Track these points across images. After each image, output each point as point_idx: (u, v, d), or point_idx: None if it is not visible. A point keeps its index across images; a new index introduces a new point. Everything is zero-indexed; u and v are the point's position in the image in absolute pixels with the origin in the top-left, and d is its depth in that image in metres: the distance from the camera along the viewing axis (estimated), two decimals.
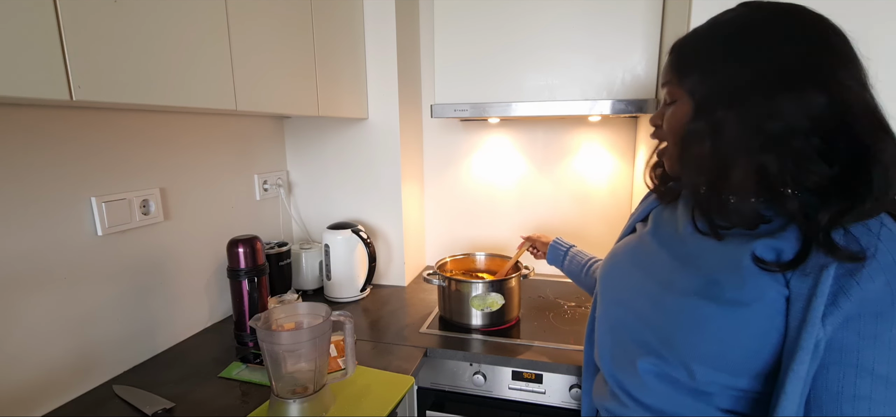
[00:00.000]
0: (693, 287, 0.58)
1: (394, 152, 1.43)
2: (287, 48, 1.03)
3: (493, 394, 1.09)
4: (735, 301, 0.54)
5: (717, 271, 0.57)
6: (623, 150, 1.48)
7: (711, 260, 0.58)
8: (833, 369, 0.49)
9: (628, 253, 0.73)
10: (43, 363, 0.85)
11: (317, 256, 1.45)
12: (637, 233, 0.76)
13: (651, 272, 0.66)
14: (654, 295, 0.63)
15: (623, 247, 0.76)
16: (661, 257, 0.65)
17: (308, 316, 0.86)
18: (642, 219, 0.78)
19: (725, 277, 0.55)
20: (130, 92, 0.67)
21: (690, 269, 0.60)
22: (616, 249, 0.78)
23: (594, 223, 1.55)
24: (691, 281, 0.59)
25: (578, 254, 1.10)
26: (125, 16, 0.65)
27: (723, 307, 0.54)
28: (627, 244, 0.75)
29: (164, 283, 1.08)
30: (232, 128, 1.28)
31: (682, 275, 0.61)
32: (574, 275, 1.09)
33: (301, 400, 0.80)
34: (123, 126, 0.97)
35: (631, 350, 0.66)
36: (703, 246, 0.60)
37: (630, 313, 0.67)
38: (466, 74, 1.26)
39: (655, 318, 0.62)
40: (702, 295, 0.57)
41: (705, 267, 0.58)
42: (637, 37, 1.13)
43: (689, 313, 0.57)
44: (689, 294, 0.58)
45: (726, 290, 0.55)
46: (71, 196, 0.88)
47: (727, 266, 0.56)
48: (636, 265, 0.70)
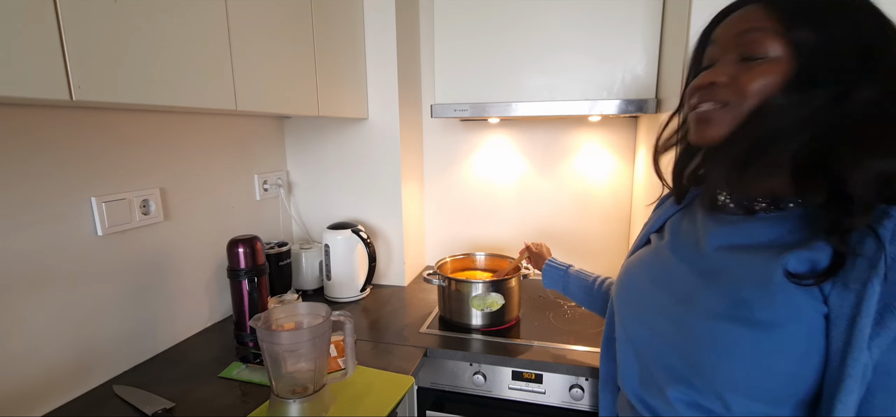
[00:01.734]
0: (719, 307, 0.52)
1: (394, 152, 1.43)
2: (287, 48, 1.03)
3: (493, 394, 1.09)
4: (766, 322, 0.48)
5: (743, 288, 0.51)
6: (623, 150, 1.48)
7: (737, 276, 0.52)
8: (880, 395, 0.43)
9: (645, 267, 0.68)
10: (43, 363, 0.85)
11: (317, 256, 1.45)
12: (653, 245, 0.70)
13: (672, 290, 0.60)
14: (677, 316, 0.57)
15: (638, 261, 0.70)
16: (681, 272, 0.60)
17: (308, 316, 0.86)
18: (657, 230, 0.72)
19: (754, 295, 0.49)
20: (130, 92, 0.67)
21: (714, 287, 0.54)
22: (631, 263, 0.72)
23: (594, 223, 1.55)
24: (716, 300, 0.53)
25: (582, 274, 1.02)
26: (125, 16, 0.65)
27: (753, 329, 0.48)
28: (642, 257, 0.70)
29: (164, 283, 1.08)
30: (232, 128, 1.28)
31: (706, 294, 0.54)
32: (580, 295, 1.00)
33: (301, 400, 0.80)
34: (123, 126, 0.97)
35: (659, 375, 0.60)
36: (727, 261, 0.54)
37: (654, 335, 0.61)
38: (466, 74, 1.26)
39: (681, 342, 0.56)
40: (729, 317, 0.50)
41: (731, 285, 0.52)
42: (637, 37, 1.13)
43: (717, 337, 0.51)
44: (715, 316, 0.52)
45: (756, 310, 0.48)
46: (71, 196, 0.88)
47: (755, 282, 0.50)
48: (655, 281, 0.64)
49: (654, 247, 0.69)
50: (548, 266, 1.07)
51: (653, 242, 0.70)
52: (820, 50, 0.47)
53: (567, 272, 1.03)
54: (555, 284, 1.05)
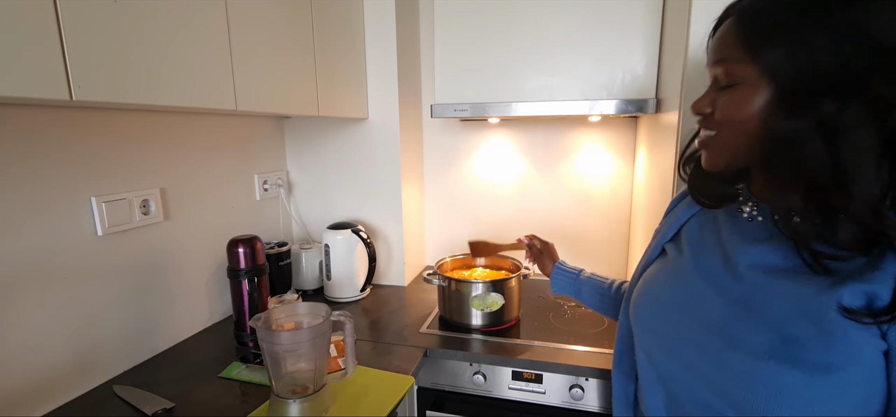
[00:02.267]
0: (765, 345, 0.46)
1: (394, 152, 1.43)
2: (287, 48, 1.03)
3: (493, 394, 1.09)
4: (823, 364, 0.43)
5: (790, 324, 0.45)
6: (623, 150, 1.48)
7: (781, 309, 0.46)
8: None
9: (666, 287, 0.61)
10: (43, 363, 0.85)
11: (317, 256, 1.45)
12: (670, 261, 0.63)
13: (703, 320, 0.53)
14: (712, 351, 0.51)
15: (656, 280, 0.63)
16: (712, 299, 0.53)
17: (308, 316, 0.86)
18: (672, 239, 0.65)
19: (805, 333, 0.44)
20: (130, 92, 0.67)
21: (756, 320, 0.48)
22: (648, 281, 0.65)
23: (594, 223, 1.55)
24: (761, 337, 0.47)
25: (595, 278, 0.96)
26: (125, 16, 0.65)
27: (809, 373, 0.43)
28: (659, 274, 0.63)
29: (164, 283, 1.08)
30: (232, 128, 1.28)
31: (745, 327, 0.48)
32: (595, 300, 0.95)
33: (301, 400, 0.80)
34: (123, 126, 0.97)
35: (692, 409, 0.55)
36: (764, 287, 0.48)
37: (685, 369, 0.56)
38: (466, 74, 1.26)
39: (720, 380, 0.50)
40: (779, 358, 0.45)
41: (775, 318, 0.46)
42: (637, 37, 1.13)
43: (767, 380, 0.46)
44: (762, 355, 0.46)
45: (810, 351, 0.43)
46: (71, 196, 0.88)
47: (805, 317, 0.44)
48: (679, 307, 0.57)
49: (674, 266, 0.62)
50: (557, 270, 1.01)
51: (668, 254, 0.64)
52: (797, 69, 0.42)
53: (579, 276, 0.98)
54: (565, 290, 0.99)
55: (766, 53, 0.43)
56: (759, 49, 0.44)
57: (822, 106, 0.40)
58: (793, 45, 0.42)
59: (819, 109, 0.40)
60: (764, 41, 0.44)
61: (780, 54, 0.42)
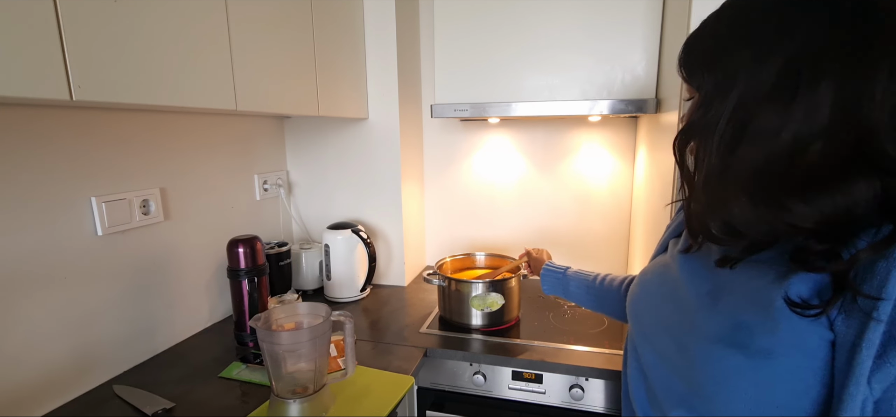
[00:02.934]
0: (718, 331, 0.49)
1: (394, 152, 1.43)
2: (287, 48, 1.03)
3: (493, 394, 1.09)
4: (766, 350, 0.45)
5: (743, 311, 0.47)
6: (623, 150, 1.48)
7: (738, 298, 0.48)
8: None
9: (657, 279, 0.64)
10: (43, 363, 0.85)
11: (317, 256, 1.45)
12: (669, 254, 0.65)
13: (678, 308, 0.56)
14: (678, 336, 0.55)
15: (652, 271, 0.66)
16: (687, 289, 0.56)
17: (308, 316, 0.86)
18: (676, 236, 0.66)
19: (754, 320, 0.46)
20: (130, 92, 0.67)
21: (716, 308, 0.50)
22: (646, 272, 0.68)
23: (594, 223, 1.55)
24: (716, 323, 0.50)
25: (581, 273, 0.99)
26: (125, 16, 0.65)
27: (752, 357, 0.46)
28: (656, 267, 0.65)
29: (164, 283, 1.08)
30: (232, 128, 1.28)
31: (707, 315, 0.51)
32: (582, 296, 0.98)
33: (301, 400, 0.80)
34: (123, 126, 0.97)
35: (662, 397, 0.58)
36: (730, 279, 0.50)
37: (658, 355, 0.59)
38: (466, 74, 1.26)
39: (681, 364, 0.54)
40: (727, 342, 0.48)
41: (731, 307, 0.49)
42: (637, 37, 1.13)
43: (716, 364, 0.49)
44: (714, 339, 0.49)
45: (756, 337, 0.45)
46: (71, 196, 0.88)
47: (756, 305, 0.46)
48: (664, 296, 0.60)
49: (669, 257, 0.64)
50: (546, 269, 1.04)
51: (669, 249, 0.66)
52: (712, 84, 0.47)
53: (565, 274, 1.01)
54: (555, 288, 1.02)
55: (696, 73, 0.51)
56: (692, 70, 0.52)
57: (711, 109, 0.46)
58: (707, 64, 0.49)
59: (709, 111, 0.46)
60: (693, 63, 0.51)
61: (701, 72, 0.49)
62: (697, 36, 0.52)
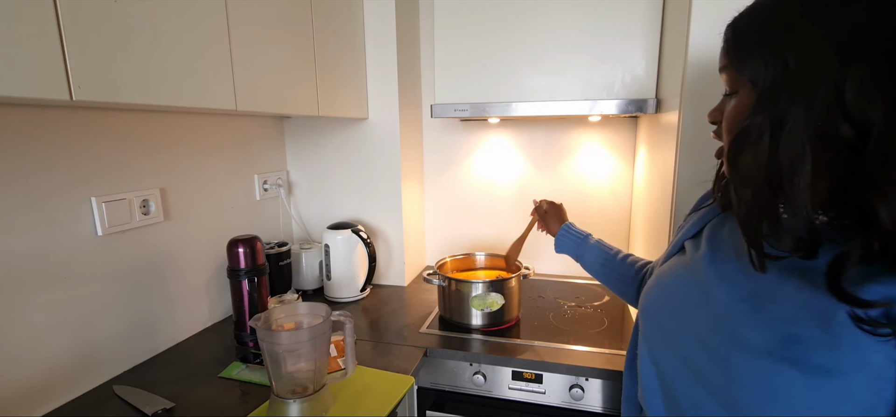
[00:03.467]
0: (766, 344, 0.44)
1: (394, 152, 1.43)
2: (287, 48, 1.03)
3: (493, 394, 1.09)
4: (826, 368, 0.40)
5: (795, 323, 0.43)
6: (623, 150, 1.48)
7: (787, 308, 0.44)
8: None
9: (679, 282, 0.59)
10: (43, 363, 0.85)
11: (317, 256, 1.45)
12: (687, 255, 0.61)
13: (709, 313, 0.52)
14: (711, 345, 0.50)
15: (671, 273, 0.61)
16: (720, 294, 0.51)
17: (308, 316, 0.86)
18: (693, 236, 0.63)
19: (810, 333, 0.41)
20: (130, 92, 0.67)
21: (761, 317, 0.46)
22: (662, 273, 0.63)
23: (594, 223, 1.55)
24: (761, 334, 0.45)
25: (602, 245, 0.96)
26: (125, 16, 0.65)
27: (808, 375, 0.41)
28: (675, 269, 0.61)
29: (164, 283, 1.08)
30: (232, 128, 1.28)
31: (749, 324, 0.46)
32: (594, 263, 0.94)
33: (301, 400, 0.80)
34: (123, 126, 0.97)
35: (687, 408, 0.54)
36: (772, 287, 0.46)
37: (681, 363, 0.54)
38: (466, 74, 1.26)
39: (716, 378, 0.49)
40: (779, 357, 0.43)
41: (780, 317, 0.44)
42: (637, 37, 1.13)
43: (765, 380, 0.44)
44: (762, 353, 0.44)
45: (813, 352, 0.41)
46: (71, 196, 0.88)
47: (810, 317, 0.42)
48: (689, 301, 0.56)
49: (689, 259, 0.60)
50: (566, 229, 1.00)
51: (687, 251, 0.61)
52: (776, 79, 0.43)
53: (586, 240, 0.97)
54: (568, 250, 0.99)
55: (749, 63, 0.45)
56: (744, 59, 0.46)
57: (779, 103, 0.42)
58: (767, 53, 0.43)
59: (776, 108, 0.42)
60: (747, 51, 0.46)
61: (758, 63, 0.44)
62: (753, 16, 0.46)
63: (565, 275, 1.58)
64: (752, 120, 0.44)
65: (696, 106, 0.88)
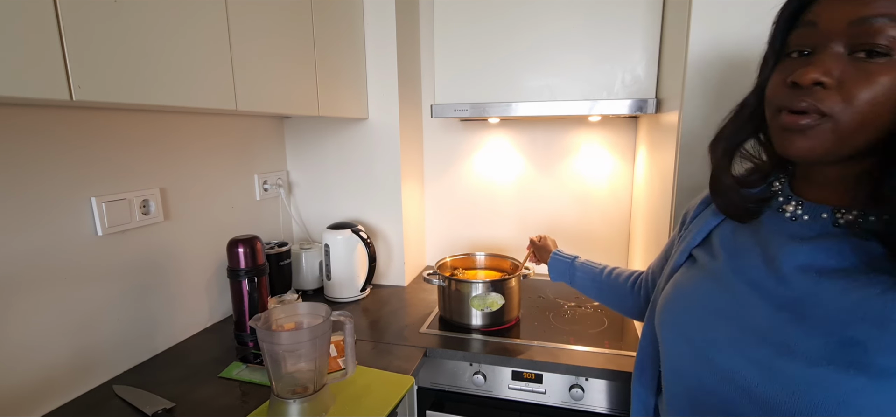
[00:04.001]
0: (822, 351, 0.42)
1: (394, 152, 1.43)
2: (287, 48, 1.03)
3: (493, 394, 1.09)
4: (893, 369, 0.39)
5: (850, 326, 0.41)
6: (623, 150, 1.48)
7: (839, 311, 0.42)
8: None
9: (703, 293, 0.56)
10: (43, 363, 0.85)
11: (317, 256, 1.45)
12: (702, 265, 0.58)
13: (747, 325, 0.49)
14: (759, 359, 0.47)
15: (691, 284, 0.59)
16: (753, 303, 0.49)
17: (308, 316, 0.86)
18: (699, 244, 0.61)
19: (867, 335, 0.40)
20: (130, 92, 0.67)
21: (810, 324, 0.44)
22: (681, 285, 0.60)
23: (594, 223, 1.55)
24: (815, 340, 0.43)
25: (589, 264, 0.99)
26: (125, 16, 0.65)
27: (875, 379, 0.39)
28: (695, 280, 0.58)
29: (164, 283, 1.08)
30: (232, 128, 1.28)
31: (800, 333, 0.44)
32: (588, 286, 0.97)
33: (301, 400, 0.80)
34: (123, 126, 0.97)
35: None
36: (817, 289, 0.44)
37: (722, 379, 0.50)
38: (466, 74, 1.26)
39: (766, 391, 0.46)
40: (839, 363, 0.41)
41: (831, 322, 0.43)
42: (637, 37, 1.13)
43: (827, 388, 0.41)
44: (820, 361, 0.42)
45: (874, 354, 0.40)
46: (71, 196, 0.88)
47: (866, 319, 0.41)
48: (719, 313, 0.52)
49: (707, 269, 0.57)
50: (553, 257, 1.04)
51: (699, 260, 0.59)
52: None
53: (573, 263, 1.01)
54: (561, 277, 1.03)
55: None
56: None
57: None
58: None
59: None
60: None
61: None
62: None
63: None
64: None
65: (696, 106, 0.88)
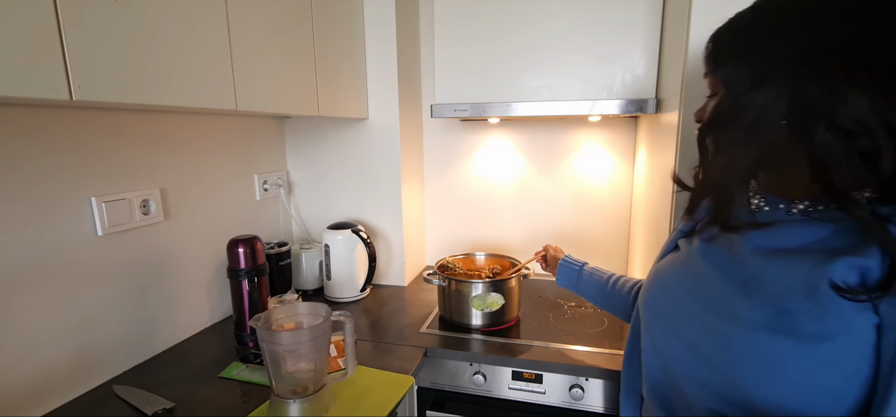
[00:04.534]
0: (761, 319, 0.49)
1: (394, 152, 1.43)
2: (287, 48, 1.03)
3: (493, 394, 1.09)
4: (816, 334, 0.45)
5: (787, 298, 0.48)
6: (623, 150, 1.48)
7: (779, 284, 0.49)
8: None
9: (677, 275, 0.65)
10: (43, 363, 0.85)
11: (317, 256, 1.45)
12: (682, 252, 0.66)
13: (706, 300, 0.57)
14: (712, 327, 0.54)
15: (669, 268, 0.67)
16: (715, 281, 0.57)
17: (308, 316, 0.86)
18: (685, 235, 0.68)
19: (799, 305, 0.47)
20: (130, 92, 0.67)
21: (755, 297, 0.51)
22: (660, 269, 0.68)
23: (594, 223, 1.55)
24: (758, 311, 0.50)
25: (596, 272, 1.00)
26: (125, 16, 0.65)
27: (801, 343, 0.46)
28: (673, 264, 0.66)
29: (164, 283, 1.08)
30: (232, 128, 1.28)
31: (744, 304, 0.51)
32: (594, 294, 0.99)
33: (301, 400, 0.80)
34: (123, 126, 0.97)
35: (688, 390, 0.58)
36: (766, 267, 0.51)
37: (684, 347, 0.59)
38: (466, 74, 1.26)
39: (716, 356, 0.53)
40: (773, 329, 0.48)
41: (772, 293, 0.49)
42: (637, 37, 1.13)
43: (761, 351, 0.49)
44: (756, 327, 0.49)
45: (803, 322, 0.46)
46: (71, 196, 0.88)
47: (800, 291, 0.47)
48: (688, 290, 0.61)
49: (684, 253, 0.65)
50: (563, 263, 1.05)
51: (681, 248, 0.67)
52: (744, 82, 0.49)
53: (581, 270, 1.02)
54: (567, 283, 1.04)
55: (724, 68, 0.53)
56: (720, 64, 0.54)
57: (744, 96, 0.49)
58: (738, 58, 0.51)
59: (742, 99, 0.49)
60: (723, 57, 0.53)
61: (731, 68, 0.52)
62: (730, 29, 0.53)
63: None
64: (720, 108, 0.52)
65: (696, 106, 0.88)
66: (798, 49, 0.46)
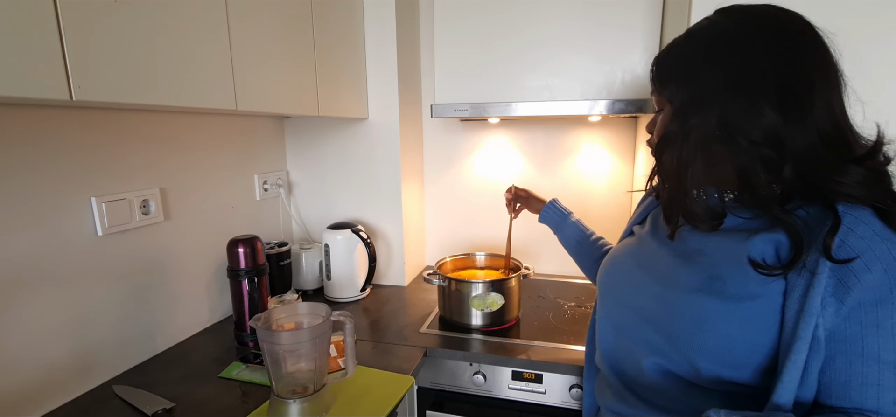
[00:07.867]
0: (695, 283, 0.60)
1: (394, 152, 1.43)
2: (287, 48, 1.03)
3: (493, 394, 1.09)
4: (739, 296, 0.55)
5: (718, 266, 0.58)
6: (623, 150, 1.48)
7: (713, 256, 0.60)
8: (839, 359, 0.50)
9: (629, 254, 0.75)
10: (43, 363, 0.85)
11: (317, 256, 1.45)
12: (635, 236, 0.77)
13: (653, 271, 0.67)
14: (656, 293, 0.65)
15: (623, 249, 0.77)
16: (662, 255, 0.67)
17: (308, 316, 0.86)
18: (639, 222, 0.79)
19: (727, 272, 0.57)
20: (130, 92, 0.67)
21: (692, 266, 0.61)
22: (615, 251, 0.79)
23: (594, 223, 1.54)
24: (693, 277, 0.60)
25: (581, 224, 1.07)
26: (125, 16, 0.65)
27: (727, 302, 0.56)
28: (627, 246, 0.77)
29: (164, 283, 1.08)
30: (232, 128, 1.28)
31: (684, 272, 0.62)
32: (572, 241, 1.05)
33: (301, 400, 0.80)
34: (123, 126, 0.97)
35: (636, 349, 0.67)
36: (703, 243, 0.62)
37: (634, 313, 0.68)
38: (466, 74, 1.26)
39: (659, 316, 0.63)
40: (705, 291, 0.58)
41: (707, 263, 0.60)
42: (637, 37, 1.13)
43: (694, 310, 0.59)
44: (692, 290, 0.59)
45: (729, 285, 0.56)
46: (71, 196, 0.88)
47: (729, 261, 0.57)
48: (638, 265, 0.71)
49: (637, 237, 0.76)
50: (551, 204, 1.10)
51: (636, 233, 0.77)
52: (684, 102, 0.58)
53: (568, 217, 1.08)
54: (551, 221, 1.09)
55: (667, 88, 0.62)
56: (664, 85, 0.62)
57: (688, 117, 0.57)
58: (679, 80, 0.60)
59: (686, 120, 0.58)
60: (665, 79, 0.62)
61: (672, 89, 0.61)
62: (669, 55, 0.63)
63: (565, 275, 1.58)
64: (669, 129, 0.60)
65: None
66: (723, 75, 0.55)
